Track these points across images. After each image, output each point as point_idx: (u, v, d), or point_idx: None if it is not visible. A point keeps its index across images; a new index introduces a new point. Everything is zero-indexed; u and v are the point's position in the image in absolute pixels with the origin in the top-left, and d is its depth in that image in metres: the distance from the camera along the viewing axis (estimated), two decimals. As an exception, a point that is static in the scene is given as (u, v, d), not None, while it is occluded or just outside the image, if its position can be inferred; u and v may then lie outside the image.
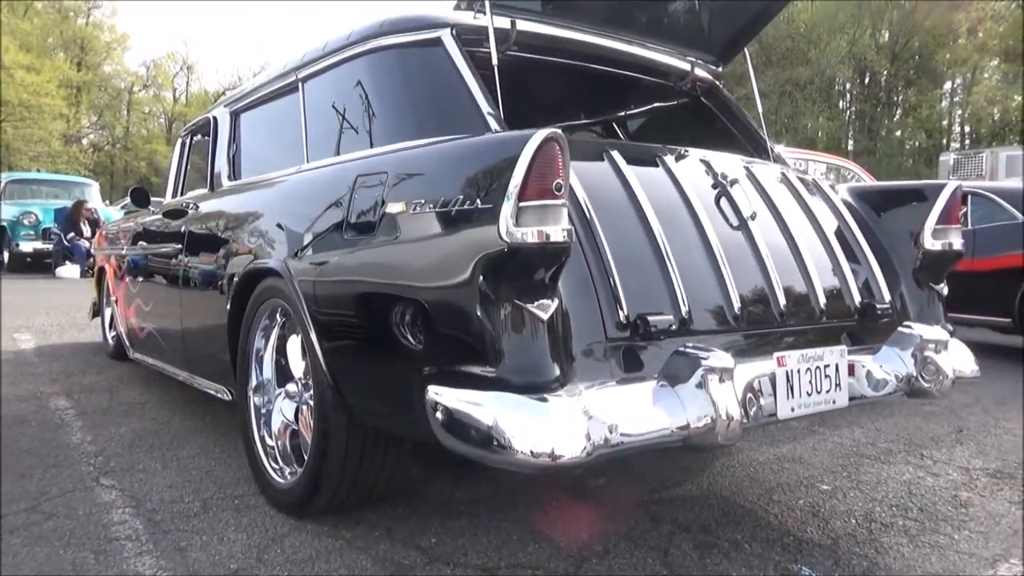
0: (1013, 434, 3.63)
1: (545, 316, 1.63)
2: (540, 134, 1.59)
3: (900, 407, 4.05)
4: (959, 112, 31.94)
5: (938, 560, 2.22)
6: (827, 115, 31.60)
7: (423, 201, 1.79)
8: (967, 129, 31.79)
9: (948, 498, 2.73)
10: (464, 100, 2.12)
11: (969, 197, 5.96)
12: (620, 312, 1.83)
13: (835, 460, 3.14)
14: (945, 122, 32.04)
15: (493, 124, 2.02)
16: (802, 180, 2.65)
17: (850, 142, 32.08)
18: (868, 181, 5.59)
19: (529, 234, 1.57)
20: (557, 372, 1.64)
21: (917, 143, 31.20)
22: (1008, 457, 3.25)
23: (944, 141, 30.99)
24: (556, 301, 1.66)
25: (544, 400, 1.60)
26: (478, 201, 1.64)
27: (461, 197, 1.68)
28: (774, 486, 2.80)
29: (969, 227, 5.83)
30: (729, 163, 2.44)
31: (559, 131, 1.61)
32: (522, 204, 1.57)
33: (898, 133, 32.64)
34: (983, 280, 5.57)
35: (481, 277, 1.63)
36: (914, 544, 2.33)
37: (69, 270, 12.08)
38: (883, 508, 2.62)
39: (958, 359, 2.40)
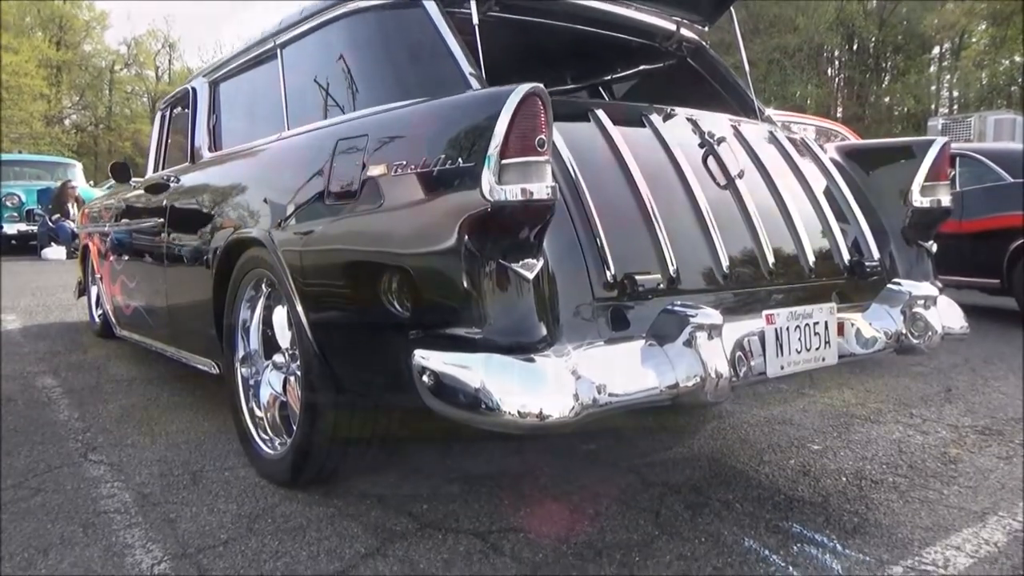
0: (1001, 392, 3.65)
1: (531, 275, 1.61)
2: (521, 89, 1.56)
3: (889, 367, 4.07)
4: (947, 77, 31.84)
5: (928, 515, 2.23)
6: (815, 82, 31.44)
7: (404, 163, 1.76)
8: (955, 94, 31.72)
9: (937, 455, 2.75)
10: (446, 62, 2.07)
11: (957, 159, 5.94)
12: (607, 271, 1.81)
13: (825, 421, 3.15)
14: (933, 87, 31.94)
15: (475, 86, 1.98)
16: (790, 139, 2.62)
17: (839, 109, 31.96)
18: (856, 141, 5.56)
19: (512, 192, 1.54)
20: (544, 332, 1.62)
21: (906, 109, 31.12)
22: (996, 414, 3.27)
23: (932, 106, 30.94)
24: (541, 261, 1.64)
25: (531, 361, 1.58)
26: (460, 160, 1.61)
27: (443, 157, 1.65)
28: (764, 447, 2.81)
29: (957, 189, 5.82)
30: (716, 122, 2.41)
31: (540, 86, 1.57)
32: (504, 161, 1.54)
33: (887, 99, 32.54)
34: (971, 242, 5.58)
35: (465, 237, 1.60)
36: (904, 500, 2.34)
37: (55, 251, 11.95)
38: (873, 466, 2.63)
39: (947, 315, 2.40)
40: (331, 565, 1.90)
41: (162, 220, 3.34)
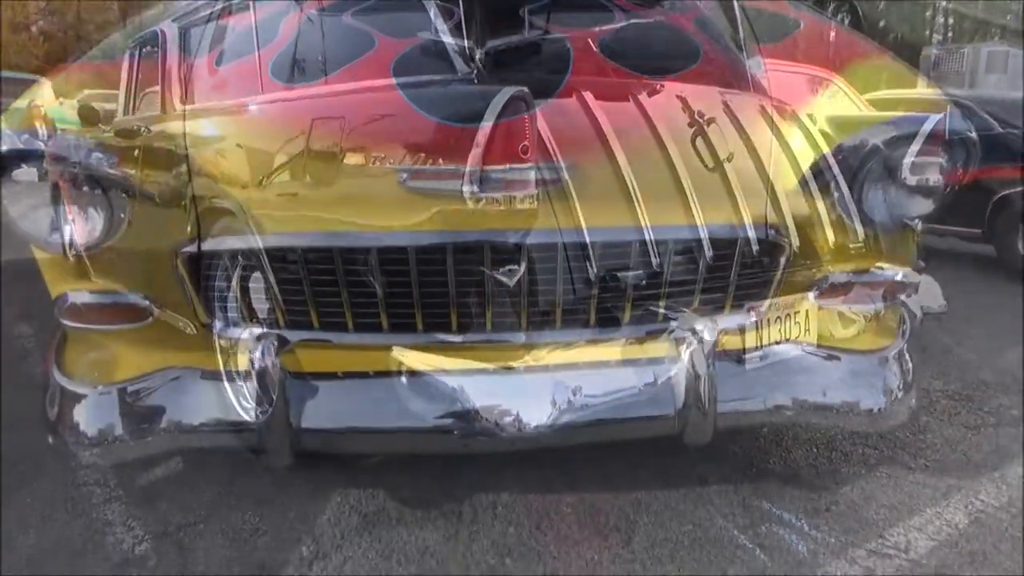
0: (975, 352, 3.68)
1: (511, 282, 1.57)
2: (505, 93, 1.49)
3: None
4: (942, 5, 31.11)
5: (893, 492, 2.30)
6: (809, 8, 30.63)
7: (383, 155, 1.69)
8: (950, 22, 31.09)
9: (907, 423, 2.79)
10: (428, 33, 1.98)
11: (948, 105, 5.86)
12: (589, 269, 1.76)
13: (800, 385, 3.18)
14: (928, 14, 31.24)
15: (459, 62, 1.90)
16: (779, 111, 2.55)
17: (832, 34, 31.28)
18: (851, 95, 5.41)
19: (494, 199, 1.49)
20: (523, 338, 1.61)
21: (900, 36, 30.51)
22: (966, 378, 3.31)
23: (927, 33, 30.34)
24: (523, 265, 1.60)
25: (509, 367, 1.57)
26: (440, 160, 1.55)
27: (423, 155, 1.59)
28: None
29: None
30: (706, 98, 2.33)
31: (525, 89, 1.50)
32: (486, 168, 1.49)
33: (881, 24, 31.84)
34: (956, 190, 5.55)
35: (442, 239, 1.56)
36: (872, 474, 2.40)
37: (26, 173, 11.63)
38: (844, 435, 2.67)
39: (927, 295, 2.40)
40: (309, 546, 1.93)
41: (134, 169, 3.23)
